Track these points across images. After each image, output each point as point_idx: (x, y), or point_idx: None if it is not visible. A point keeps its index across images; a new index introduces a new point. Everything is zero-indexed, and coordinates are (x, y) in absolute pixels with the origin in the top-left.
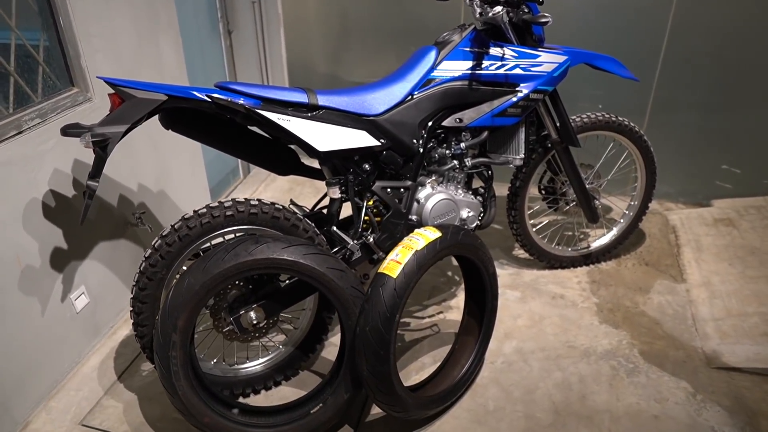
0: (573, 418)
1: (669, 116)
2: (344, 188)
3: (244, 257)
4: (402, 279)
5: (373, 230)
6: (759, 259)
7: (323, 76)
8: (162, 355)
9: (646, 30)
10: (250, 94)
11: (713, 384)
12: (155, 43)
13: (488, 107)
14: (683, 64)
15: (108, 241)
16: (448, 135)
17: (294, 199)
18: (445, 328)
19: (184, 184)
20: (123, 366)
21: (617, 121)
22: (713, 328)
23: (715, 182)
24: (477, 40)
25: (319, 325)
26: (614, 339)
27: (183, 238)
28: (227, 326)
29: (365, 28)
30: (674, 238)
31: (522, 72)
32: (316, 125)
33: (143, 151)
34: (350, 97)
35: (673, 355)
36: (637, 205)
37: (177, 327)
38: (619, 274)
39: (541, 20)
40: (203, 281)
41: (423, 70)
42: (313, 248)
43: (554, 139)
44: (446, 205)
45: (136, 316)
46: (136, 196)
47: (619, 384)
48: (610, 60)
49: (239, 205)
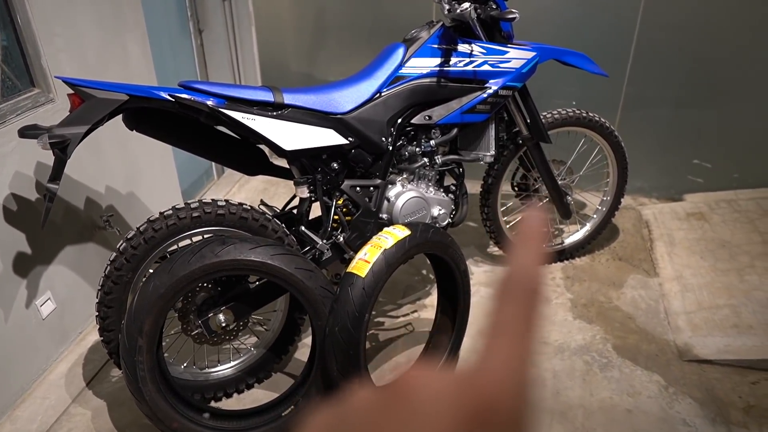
0: (547, 414)
1: (641, 112)
2: (313, 187)
3: (210, 259)
4: (371, 278)
5: (343, 229)
6: (729, 252)
7: (297, 75)
8: (128, 360)
9: (616, 26)
10: (214, 93)
11: (685, 377)
12: (121, 43)
13: (457, 104)
14: (653, 59)
15: (75, 245)
16: (418, 132)
17: (267, 200)
18: (420, 326)
19: (154, 186)
20: (92, 372)
21: (588, 117)
22: (685, 321)
23: (687, 177)
24: (445, 36)
25: (290, 326)
26: (588, 334)
27: (149, 241)
28: (196, 329)
29: (338, 25)
30: (647, 232)
31: (490, 68)
32: (282, 124)
33: (111, 151)
34: (317, 95)
35: (646, 349)
36: (609, 200)
37: (143, 331)
38: (593, 270)
39: (508, 16)
40: (169, 284)
41: (391, 68)
42: (281, 248)
43: (525, 136)
44: (417, 203)
45: (102, 321)
46: (104, 198)
47: (592, 379)
48: (579, 56)
49: (206, 206)
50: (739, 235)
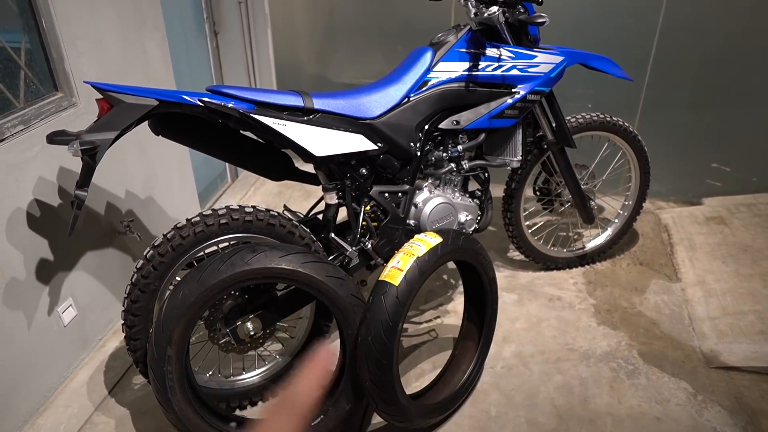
0: (575, 422)
1: (659, 115)
2: (341, 193)
3: (240, 267)
4: (404, 286)
5: (371, 236)
6: (751, 257)
7: (311, 77)
8: (157, 370)
9: (636, 29)
10: (243, 98)
11: (713, 384)
12: (141, 46)
13: (485, 109)
14: (674, 63)
15: (95, 250)
16: (445, 137)
17: (286, 204)
18: (444, 333)
19: (172, 190)
20: (114, 380)
21: (612, 121)
22: (710, 328)
23: (705, 180)
24: (473, 40)
25: (316, 333)
26: (613, 340)
27: (176, 248)
28: (223, 338)
29: (353, 28)
30: (667, 237)
31: (519, 73)
32: (312, 129)
33: (130, 157)
34: (346, 100)
35: (672, 356)
36: (631, 204)
37: (172, 340)
38: (615, 275)
39: (538, 20)
40: (199, 293)
41: (419, 72)
42: (311, 256)
43: (550, 140)
44: (444, 209)
45: (128, 329)
46: (123, 203)
47: (620, 386)
48: (604, 60)
49: (233, 213)
50: (761, 240)
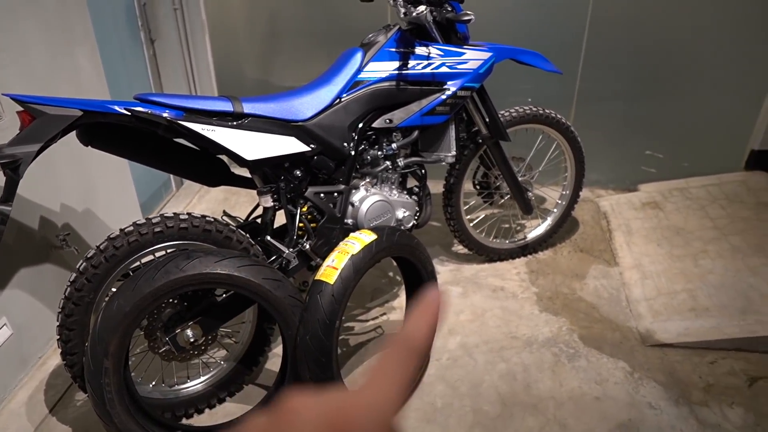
0: (519, 407)
1: (594, 106)
2: (276, 196)
3: (175, 274)
4: (339, 285)
5: (309, 237)
6: (684, 239)
7: (254, 82)
8: (94, 383)
9: (567, 24)
10: (172, 105)
11: (648, 361)
12: (71, 57)
13: (417, 107)
14: (604, 55)
15: (30, 266)
16: (379, 136)
17: (229, 210)
18: (390, 329)
19: (112, 201)
20: (55, 398)
21: (545, 114)
22: (646, 308)
23: (640, 167)
24: (402, 40)
25: (260, 336)
26: (554, 326)
27: (110, 259)
28: (163, 346)
29: (294, 31)
30: (606, 223)
31: (448, 70)
32: (242, 134)
33: (64, 167)
34: (276, 103)
35: (610, 337)
36: (568, 194)
37: (108, 352)
38: (556, 263)
39: (464, 18)
40: (134, 302)
41: (350, 73)
42: (247, 260)
43: (484, 135)
44: (381, 207)
45: (63, 344)
46: (59, 216)
47: (561, 370)
48: (533, 54)
49: (168, 221)
50: (692, 222)
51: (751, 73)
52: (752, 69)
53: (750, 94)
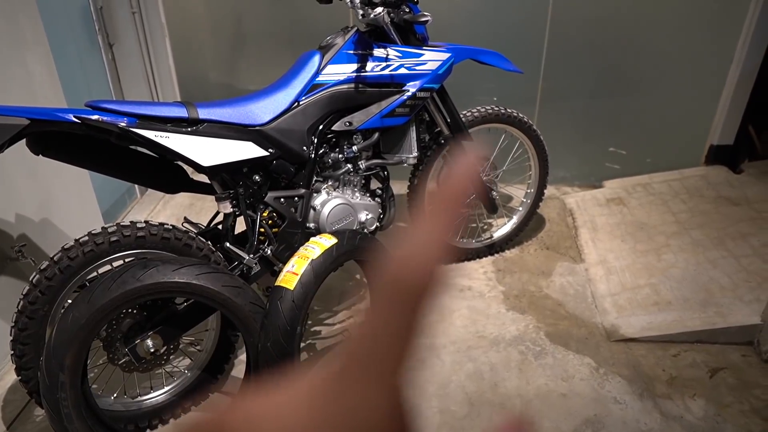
0: (486, 406)
1: (557, 104)
2: (236, 202)
3: (132, 284)
4: (300, 290)
5: (270, 242)
6: (647, 234)
7: (216, 86)
8: (50, 398)
9: (528, 24)
10: (124, 113)
11: (613, 356)
12: (22, 63)
13: (377, 108)
14: (566, 54)
15: None
16: (340, 139)
17: (195, 216)
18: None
19: (71, 211)
20: (12, 414)
21: (507, 113)
22: (610, 303)
23: (604, 164)
24: (360, 42)
25: (224, 344)
26: (521, 324)
27: (65, 270)
28: (123, 357)
29: (256, 33)
30: (572, 220)
31: (407, 71)
32: (197, 140)
33: (18, 176)
34: (233, 108)
35: (576, 334)
36: (533, 192)
37: (64, 366)
38: (523, 261)
39: (421, 19)
40: (89, 314)
41: (308, 76)
42: (206, 267)
43: (447, 135)
44: (343, 210)
45: (18, 359)
46: (14, 228)
47: (528, 368)
48: (493, 54)
49: (125, 229)
50: (655, 217)
51: (708, 70)
52: (709, 66)
53: (708, 91)
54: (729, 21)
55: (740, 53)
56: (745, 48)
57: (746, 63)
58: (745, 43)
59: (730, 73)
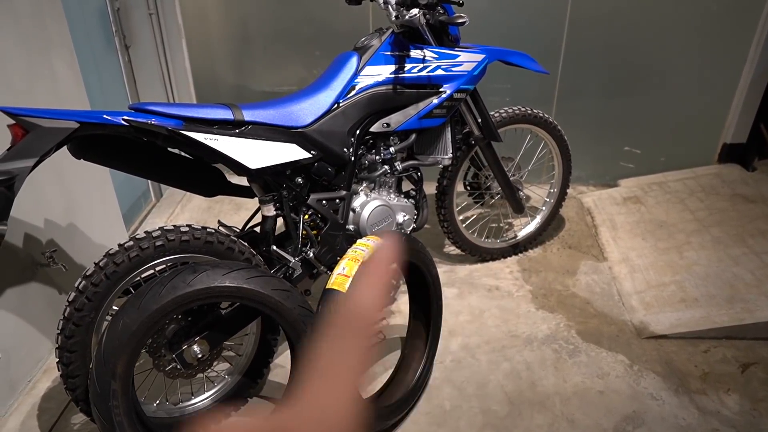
0: (526, 405)
1: (573, 104)
2: (279, 204)
3: (183, 289)
4: None
5: (312, 245)
6: (667, 231)
7: (232, 87)
8: (101, 407)
9: (546, 24)
10: (170, 114)
11: (645, 353)
12: (49, 66)
13: (414, 110)
14: (583, 54)
15: (16, 286)
16: (377, 141)
17: (212, 218)
18: (390, 333)
19: (95, 214)
20: (49, 423)
21: (533, 114)
22: (637, 301)
23: (619, 163)
24: (396, 43)
25: (264, 348)
26: (552, 323)
27: (110, 276)
28: (169, 364)
29: (271, 35)
30: (590, 219)
31: (444, 73)
32: (244, 142)
33: (46, 182)
34: (276, 109)
35: (607, 331)
36: (556, 191)
37: (116, 373)
38: (547, 260)
39: (458, 21)
40: (140, 320)
41: (346, 77)
42: (255, 271)
43: (477, 136)
44: (382, 212)
45: (64, 367)
46: (42, 233)
47: (563, 366)
48: (522, 55)
49: (169, 234)
50: (673, 215)
51: (721, 70)
52: (723, 66)
53: (721, 90)
54: (743, 21)
55: (754, 52)
56: (758, 47)
57: (760, 62)
58: (759, 42)
59: (743, 72)
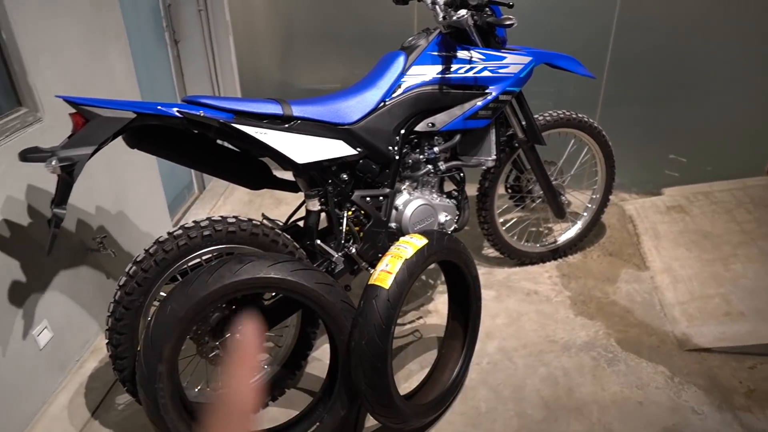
0: (563, 411)
1: (618, 110)
2: (324, 199)
3: (229, 278)
4: (394, 289)
5: (355, 240)
6: (712, 243)
7: (276, 84)
8: (148, 389)
9: (593, 28)
10: (222, 108)
11: (687, 366)
12: (105, 58)
13: (459, 110)
14: (629, 59)
15: (68, 269)
16: (421, 140)
17: (252, 212)
18: (428, 333)
19: (142, 204)
20: (96, 401)
21: (578, 118)
22: (680, 312)
23: (664, 171)
24: (444, 43)
25: (303, 341)
26: (591, 330)
27: (159, 263)
28: (212, 351)
29: (315, 34)
30: (632, 227)
31: (490, 74)
32: (293, 137)
33: (98, 171)
34: (324, 106)
35: (647, 341)
36: (599, 197)
37: (163, 357)
38: (587, 266)
39: (507, 23)
40: (188, 306)
41: (393, 76)
42: (300, 264)
43: (521, 139)
44: (425, 211)
45: (113, 348)
46: (94, 219)
47: (601, 374)
48: (569, 59)
49: (216, 224)
50: (719, 226)
51: None
52: None
53: None
54: None
55: None
56: None
57: None
58: None
59: None
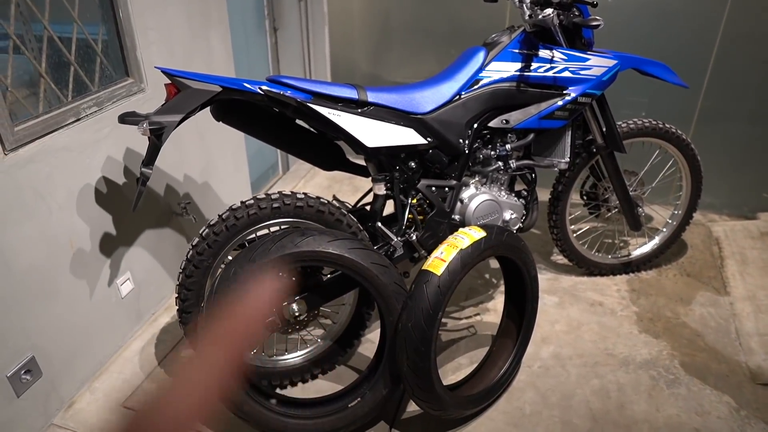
0: (611, 426)
1: (716, 126)
2: (390, 185)
3: (290, 249)
4: (446, 277)
5: (416, 228)
6: None
7: (365, 75)
8: None
9: (696, 36)
10: (301, 88)
11: (758, 400)
12: (206, 38)
13: (535, 109)
14: (733, 73)
15: (153, 229)
16: (494, 136)
17: (335, 195)
18: (482, 330)
19: (227, 177)
20: (163, 352)
21: (664, 128)
22: (758, 343)
23: (761, 195)
24: (526, 41)
25: (357, 320)
26: (654, 349)
27: (230, 228)
28: (269, 317)
29: (409, 28)
30: (717, 250)
31: (571, 75)
32: (365, 121)
33: (190, 142)
34: (399, 94)
35: (715, 369)
36: (680, 214)
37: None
38: (660, 284)
39: (593, 23)
40: (249, 271)
41: (471, 70)
42: (358, 243)
43: (599, 145)
44: (490, 206)
45: (181, 302)
46: (182, 186)
47: (658, 395)
48: (659, 65)
49: (286, 198)
50: None
51: None
52: None
53: None
54: None
55: None
56: None
57: None
58: None
59: None
